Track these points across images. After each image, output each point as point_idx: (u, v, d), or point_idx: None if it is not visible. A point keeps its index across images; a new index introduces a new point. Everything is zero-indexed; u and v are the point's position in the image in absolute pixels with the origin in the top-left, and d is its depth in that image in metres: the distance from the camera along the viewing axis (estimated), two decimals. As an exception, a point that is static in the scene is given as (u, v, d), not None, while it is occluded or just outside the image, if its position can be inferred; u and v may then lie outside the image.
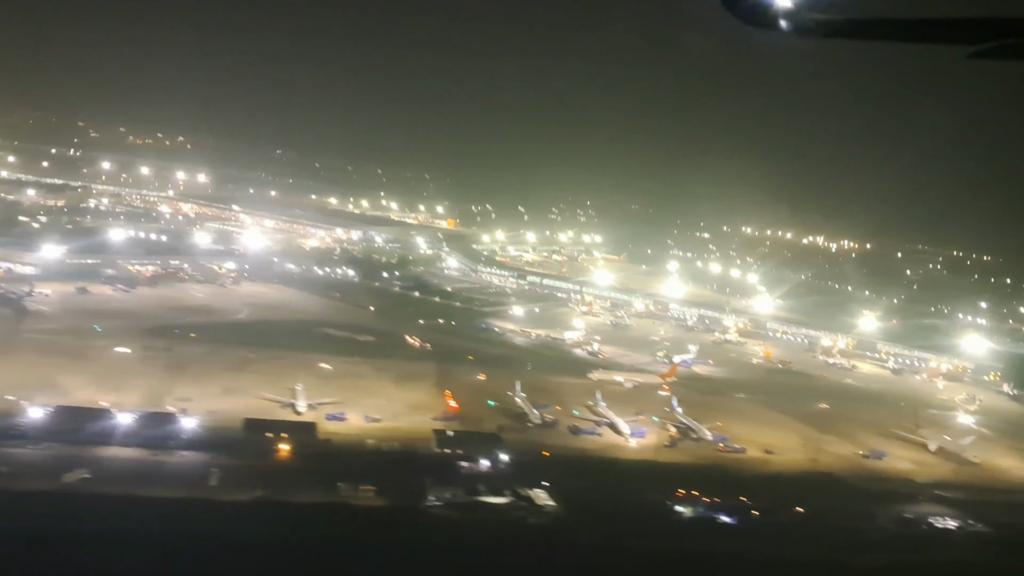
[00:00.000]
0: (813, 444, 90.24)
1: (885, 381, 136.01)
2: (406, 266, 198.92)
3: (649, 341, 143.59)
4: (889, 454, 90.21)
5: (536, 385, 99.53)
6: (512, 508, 60.19)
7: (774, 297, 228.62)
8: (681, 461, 79.05)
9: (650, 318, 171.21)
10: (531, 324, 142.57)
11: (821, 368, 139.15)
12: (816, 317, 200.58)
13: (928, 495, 77.95)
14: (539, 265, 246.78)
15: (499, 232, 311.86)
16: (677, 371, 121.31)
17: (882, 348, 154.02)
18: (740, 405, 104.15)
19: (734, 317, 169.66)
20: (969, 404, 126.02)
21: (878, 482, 79.69)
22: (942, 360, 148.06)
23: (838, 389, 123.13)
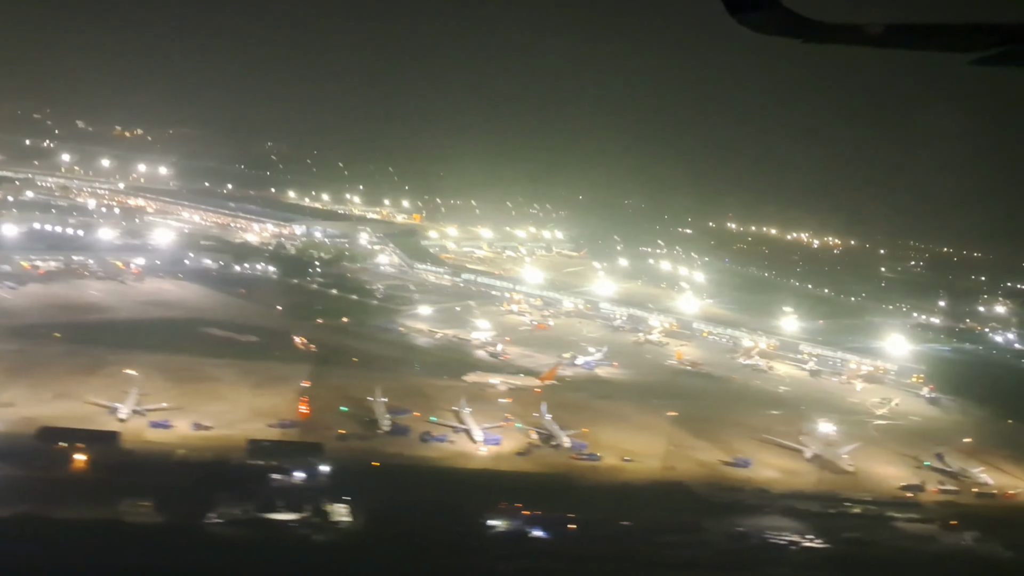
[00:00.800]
0: (680, 451, 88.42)
1: (797, 383, 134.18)
2: (339, 262, 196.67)
3: (567, 341, 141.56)
4: (759, 461, 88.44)
5: (411, 389, 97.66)
6: (299, 525, 58.27)
7: (726, 295, 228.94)
8: (524, 470, 77.13)
9: (579, 317, 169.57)
10: (443, 324, 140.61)
11: (734, 370, 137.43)
12: (758, 316, 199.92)
13: (777, 507, 76.13)
14: (488, 262, 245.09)
15: (455, 228, 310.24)
16: (574, 373, 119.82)
17: (806, 349, 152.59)
18: (624, 409, 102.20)
19: (662, 317, 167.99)
20: (879, 408, 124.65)
21: (728, 492, 77.83)
22: (864, 362, 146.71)
23: (740, 392, 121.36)
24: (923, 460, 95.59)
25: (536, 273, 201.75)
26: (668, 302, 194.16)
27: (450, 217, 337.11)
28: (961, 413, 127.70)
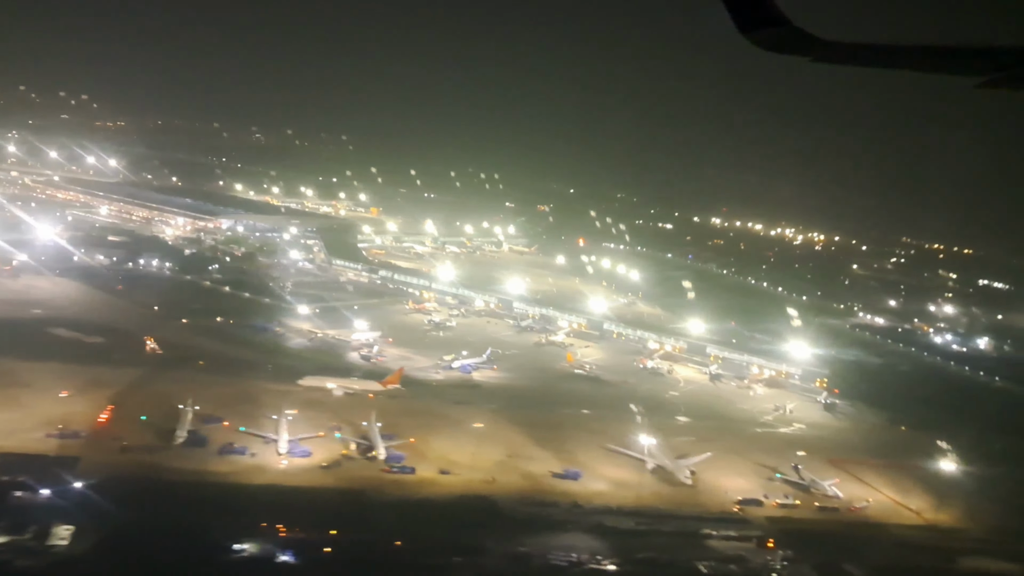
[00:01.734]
0: (512, 461, 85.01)
1: (691, 388, 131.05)
2: (252, 258, 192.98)
3: (461, 342, 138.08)
4: (596, 473, 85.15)
5: (243, 395, 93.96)
6: (5, 549, 54.77)
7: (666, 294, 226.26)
8: (319, 485, 73.56)
9: (489, 316, 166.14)
10: (330, 323, 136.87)
11: (629, 373, 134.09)
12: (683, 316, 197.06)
13: (583, 524, 72.77)
14: (424, 258, 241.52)
15: (407, 222, 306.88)
16: (446, 377, 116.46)
17: (714, 352, 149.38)
18: (476, 416, 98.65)
19: (573, 317, 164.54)
20: (768, 414, 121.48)
21: (536, 508, 74.39)
22: (767, 366, 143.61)
23: (620, 397, 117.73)
24: (780, 471, 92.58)
25: (467, 270, 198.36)
26: (595, 301, 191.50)
27: (410, 211, 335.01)
28: (854, 420, 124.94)
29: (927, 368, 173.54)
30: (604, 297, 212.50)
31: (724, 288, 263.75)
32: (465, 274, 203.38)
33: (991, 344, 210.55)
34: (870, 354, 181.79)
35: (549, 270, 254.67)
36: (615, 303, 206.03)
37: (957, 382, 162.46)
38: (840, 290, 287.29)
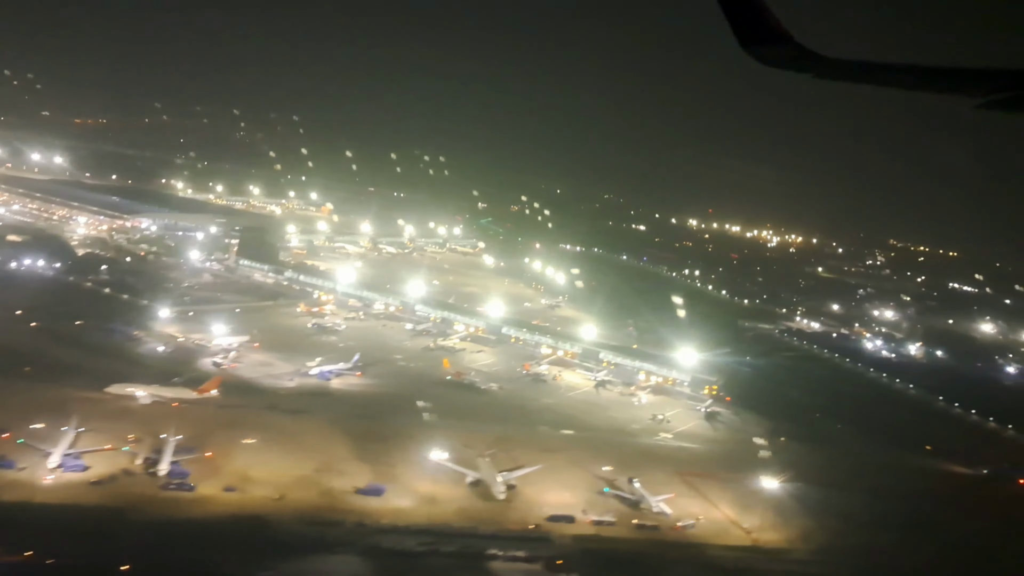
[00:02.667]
0: (317, 477, 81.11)
1: (572, 395, 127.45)
2: (154, 259, 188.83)
3: (344, 347, 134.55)
4: (406, 488, 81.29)
5: (51, 402, 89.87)
6: None
7: (597, 297, 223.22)
8: (75, 503, 69.30)
9: (388, 319, 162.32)
10: (201, 327, 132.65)
11: (511, 380, 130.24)
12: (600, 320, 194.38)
13: (359, 545, 69.09)
14: (355, 258, 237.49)
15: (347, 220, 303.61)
16: (299, 384, 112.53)
17: (608, 358, 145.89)
18: (304, 427, 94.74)
19: (471, 320, 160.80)
20: (637, 423, 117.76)
21: (315, 527, 70.61)
22: (655, 372, 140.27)
23: (484, 405, 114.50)
24: (612, 485, 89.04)
25: (390, 271, 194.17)
26: (514, 303, 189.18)
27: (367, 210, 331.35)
28: (732, 430, 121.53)
29: (842, 375, 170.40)
30: (529, 300, 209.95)
31: (662, 291, 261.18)
32: (386, 275, 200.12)
33: (923, 351, 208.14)
34: (786, 360, 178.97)
35: (484, 272, 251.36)
36: (537, 306, 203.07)
37: (867, 391, 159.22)
38: (792, 293, 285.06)
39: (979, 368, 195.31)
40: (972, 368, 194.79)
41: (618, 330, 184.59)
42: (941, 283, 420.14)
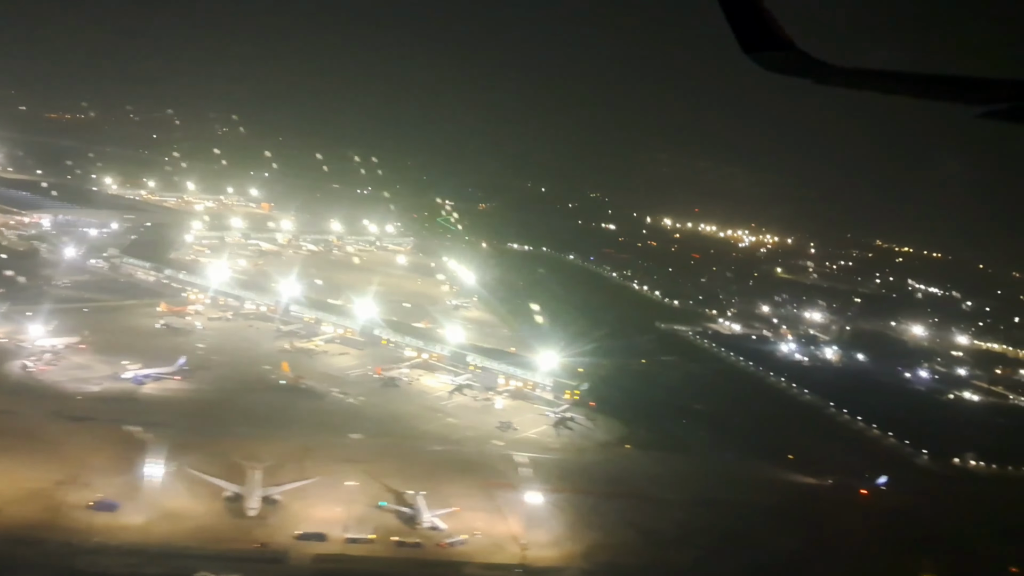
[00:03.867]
0: (52, 490, 75.65)
1: (419, 400, 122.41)
2: (30, 255, 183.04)
3: (188, 348, 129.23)
4: (148, 503, 76.01)
5: None
6: None
7: (514, 298, 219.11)
8: None
9: (257, 319, 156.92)
10: (31, 327, 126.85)
11: (359, 384, 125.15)
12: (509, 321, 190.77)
13: (52, 567, 63.95)
14: (266, 255, 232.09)
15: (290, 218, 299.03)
16: (103, 389, 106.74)
17: (475, 361, 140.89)
18: (76, 436, 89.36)
19: (342, 322, 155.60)
20: (473, 430, 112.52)
21: (14, 546, 65.48)
22: (515, 376, 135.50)
23: (312, 411, 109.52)
24: (387, 499, 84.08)
25: (291, 269, 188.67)
26: (416, 303, 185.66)
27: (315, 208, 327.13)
28: (580, 437, 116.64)
29: (737, 380, 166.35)
30: (438, 299, 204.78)
31: (587, 291, 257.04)
32: (284, 274, 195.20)
33: (839, 355, 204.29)
34: (682, 362, 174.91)
35: (404, 270, 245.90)
36: (442, 306, 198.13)
37: (755, 396, 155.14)
38: (734, 294, 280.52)
39: (892, 373, 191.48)
40: (885, 373, 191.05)
41: (516, 331, 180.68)
42: (904, 284, 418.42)
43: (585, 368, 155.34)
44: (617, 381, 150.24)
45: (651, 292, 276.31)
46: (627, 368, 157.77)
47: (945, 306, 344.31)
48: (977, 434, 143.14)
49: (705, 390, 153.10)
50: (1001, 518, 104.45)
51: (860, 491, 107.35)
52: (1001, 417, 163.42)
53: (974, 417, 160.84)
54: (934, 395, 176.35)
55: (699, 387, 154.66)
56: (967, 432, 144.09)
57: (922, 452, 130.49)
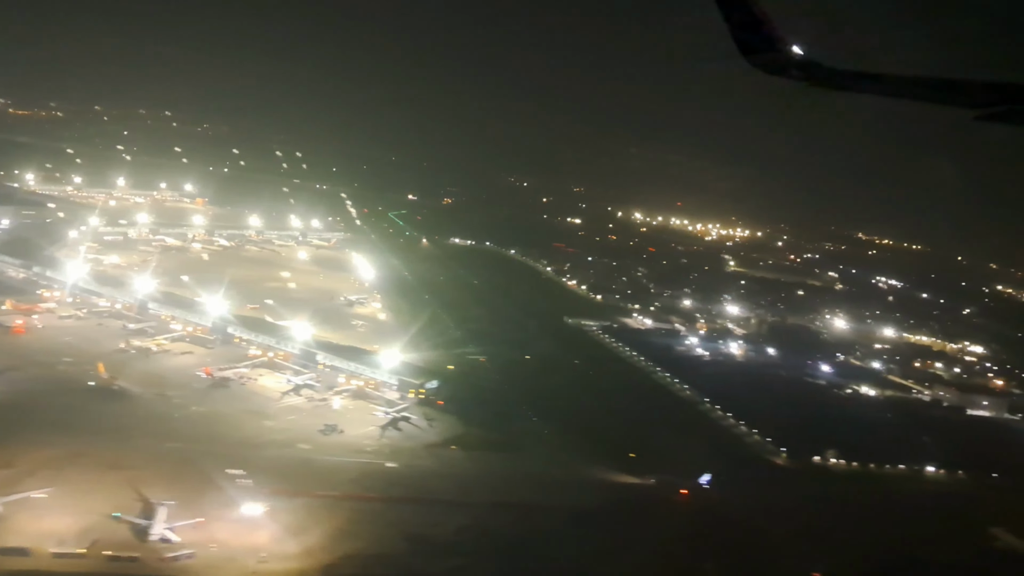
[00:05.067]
0: None
1: (245, 402, 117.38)
2: None
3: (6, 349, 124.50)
4: None
5: None
6: None
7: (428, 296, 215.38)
8: None
9: (113, 317, 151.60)
10: None
11: (182, 386, 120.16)
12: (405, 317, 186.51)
13: None
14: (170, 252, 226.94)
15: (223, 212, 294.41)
16: None
17: (323, 360, 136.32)
18: None
19: (192, 319, 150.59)
20: (283, 433, 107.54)
21: None
22: (357, 375, 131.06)
23: (111, 415, 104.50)
24: (122, 510, 79.33)
25: (177, 266, 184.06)
26: (308, 298, 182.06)
27: (250, 202, 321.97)
28: (403, 439, 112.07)
29: (619, 376, 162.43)
30: (335, 295, 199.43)
31: (509, 286, 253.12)
32: (171, 270, 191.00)
33: (745, 349, 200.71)
34: (570, 358, 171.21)
35: (311, 266, 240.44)
36: (336, 303, 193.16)
37: (628, 392, 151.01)
38: (666, 287, 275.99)
39: (797, 367, 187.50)
40: (789, 366, 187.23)
41: (402, 328, 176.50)
42: (865, 277, 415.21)
43: (458, 365, 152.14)
44: (485, 378, 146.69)
45: (579, 287, 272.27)
46: (508, 365, 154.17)
47: (898, 298, 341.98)
48: (854, 430, 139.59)
49: (577, 387, 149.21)
50: (825, 519, 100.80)
51: (680, 491, 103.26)
52: (890, 412, 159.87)
53: (862, 412, 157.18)
54: (830, 390, 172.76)
55: (572, 384, 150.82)
56: (844, 428, 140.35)
57: (781, 450, 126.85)
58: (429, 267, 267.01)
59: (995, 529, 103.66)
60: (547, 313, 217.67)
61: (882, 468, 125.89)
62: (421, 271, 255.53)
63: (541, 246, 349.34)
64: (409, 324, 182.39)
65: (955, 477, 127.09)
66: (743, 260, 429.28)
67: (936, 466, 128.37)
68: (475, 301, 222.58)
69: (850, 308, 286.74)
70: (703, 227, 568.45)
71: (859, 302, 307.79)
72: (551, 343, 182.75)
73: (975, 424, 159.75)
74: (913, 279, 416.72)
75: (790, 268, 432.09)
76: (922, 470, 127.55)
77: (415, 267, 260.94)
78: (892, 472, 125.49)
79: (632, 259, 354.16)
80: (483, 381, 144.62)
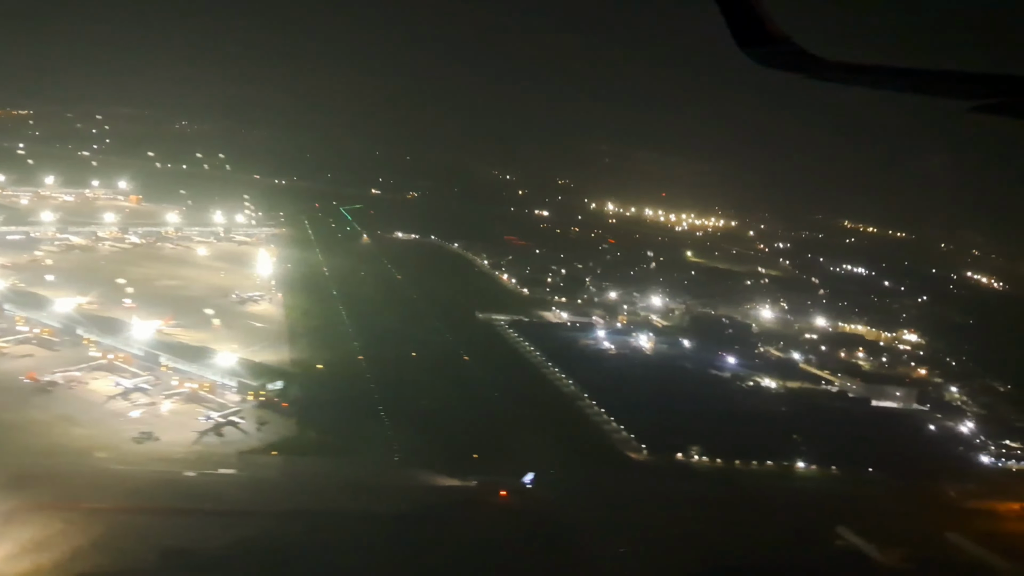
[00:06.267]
0: None
1: (64, 408, 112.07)
2: None
3: None
4: None
5: None
6: None
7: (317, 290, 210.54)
8: None
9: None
10: None
11: (5, 389, 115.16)
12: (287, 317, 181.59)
13: None
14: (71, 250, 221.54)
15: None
16: None
17: (167, 362, 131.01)
18: None
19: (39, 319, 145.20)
20: (79, 442, 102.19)
21: None
22: (192, 377, 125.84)
23: None
24: None
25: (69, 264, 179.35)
26: (201, 294, 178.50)
27: (184, 199, 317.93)
28: (222, 444, 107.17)
29: (500, 371, 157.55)
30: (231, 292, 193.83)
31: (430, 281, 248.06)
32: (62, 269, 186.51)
33: (653, 340, 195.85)
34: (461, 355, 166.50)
35: (216, 263, 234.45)
36: (225, 300, 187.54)
37: (501, 389, 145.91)
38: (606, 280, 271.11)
39: (705, 359, 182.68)
40: (697, 359, 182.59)
41: (289, 327, 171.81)
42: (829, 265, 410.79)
43: (329, 365, 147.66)
44: (357, 378, 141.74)
45: (510, 280, 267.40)
46: (388, 363, 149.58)
47: (853, 287, 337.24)
48: (732, 426, 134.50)
49: (452, 385, 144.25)
50: (653, 519, 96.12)
51: (500, 492, 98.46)
52: (784, 405, 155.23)
53: (754, 406, 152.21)
54: (732, 383, 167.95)
55: (448, 382, 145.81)
56: (722, 424, 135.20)
57: (642, 447, 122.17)
58: (354, 263, 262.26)
59: (840, 528, 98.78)
60: (461, 308, 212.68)
61: (748, 465, 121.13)
62: (343, 267, 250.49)
63: (494, 239, 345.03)
64: (300, 322, 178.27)
65: (827, 473, 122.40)
66: (703, 250, 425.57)
67: (808, 462, 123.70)
68: (387, 297, 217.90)
69: (796, 297, 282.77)
70: (678, 217, 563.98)
71: (807, 291, 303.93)
72: (448, 339, 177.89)
73: (874, 416, 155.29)
74: (881, 267, 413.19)
75: (752, 258, 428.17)
76: (792, 466, 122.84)
77: (339, 262, 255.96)
78: (757, 469, 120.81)
79: (587, 251, 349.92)
80: (350, 381, 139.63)
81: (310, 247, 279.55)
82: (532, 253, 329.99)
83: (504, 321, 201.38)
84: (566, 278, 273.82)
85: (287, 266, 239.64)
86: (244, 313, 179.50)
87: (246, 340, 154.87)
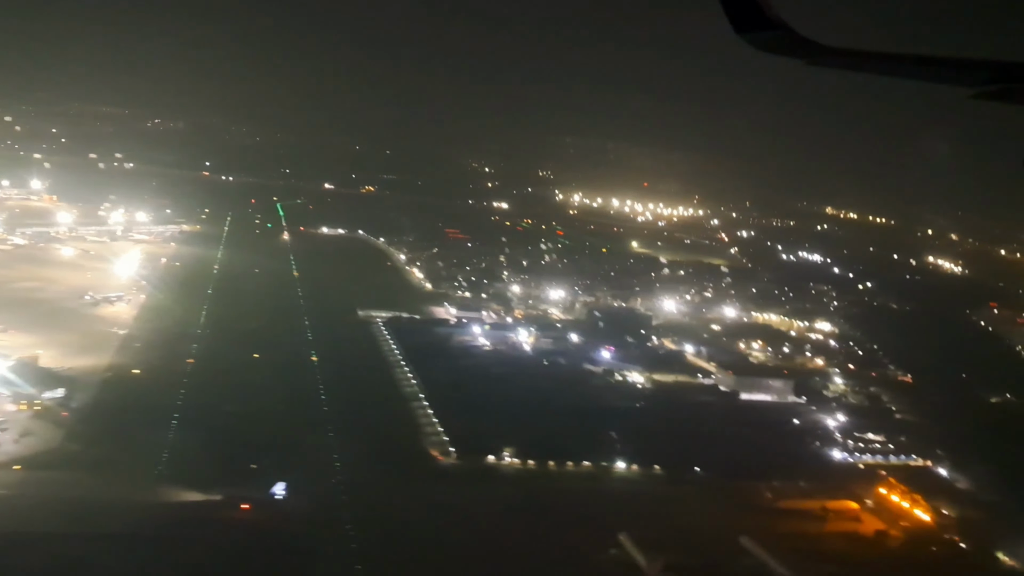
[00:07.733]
0: None
1: None
2: None
3: None
4: None
5: None
6: None
7: None
8: None
9: None
10: None
11: None
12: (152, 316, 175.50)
13: None
14: None
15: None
16: None
17: None
18: None
19: None
20: None
21: None
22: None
23: None
24: None
25: None
26: None
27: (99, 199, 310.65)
28: None
29: (342, 372, 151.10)
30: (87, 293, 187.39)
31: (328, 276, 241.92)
32: None
33: (535, 335, 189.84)
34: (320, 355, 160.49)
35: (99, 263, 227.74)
36: (75, 301, 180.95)
37: (339, 391, 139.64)
38: (525, 273, 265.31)
39: (583, 355, 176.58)
40: (573, 355, 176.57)
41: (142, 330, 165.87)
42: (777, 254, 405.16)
43: (147, 370, 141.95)
44: (173, 384, 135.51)
45: (419, 276, 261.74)
46: (223, 366, 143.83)
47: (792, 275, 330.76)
48: (563, 425, 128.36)
49: (276, 389, 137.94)
50: (415, 528, 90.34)
51: (242, 506, 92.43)
52: (642, 401, 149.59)
53: (605, 403, 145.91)
54: (599, 378, 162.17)
55: (272, 386, 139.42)
56: (562, 422, 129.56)
57: (451, 450, 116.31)
58: (254, 260, 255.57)
59: (621, 535, 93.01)
60: (346, 305, 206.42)
61: (562, 466, 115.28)
62: (239, 264, 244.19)
63: (433, 233, 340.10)
64: (148, 324, 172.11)
65: (648, 473, 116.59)
66: (652, 241, 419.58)
67: (631, 462, 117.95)
68: (268, 296, 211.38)
69: (724, 287, 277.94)
70: (646, 208, 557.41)
71: (744, 281, 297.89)
72: (307, 339, 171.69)
73: (738, 410, 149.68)
74: (842, 254, 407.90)
75: (704, 248, 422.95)
76: (611, 467, 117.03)
77: (238, 260, 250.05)
78: (571, 470, 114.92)
79: (528, 244, 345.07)
80: (162, 387, 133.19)
81: (215, 245, 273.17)
82: (465, 247, 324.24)
83: (381, 319, 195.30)
84: (481, 272, 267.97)
85: (175, 264, 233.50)
86: (90, 316, 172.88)
87: (77, 344, 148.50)
